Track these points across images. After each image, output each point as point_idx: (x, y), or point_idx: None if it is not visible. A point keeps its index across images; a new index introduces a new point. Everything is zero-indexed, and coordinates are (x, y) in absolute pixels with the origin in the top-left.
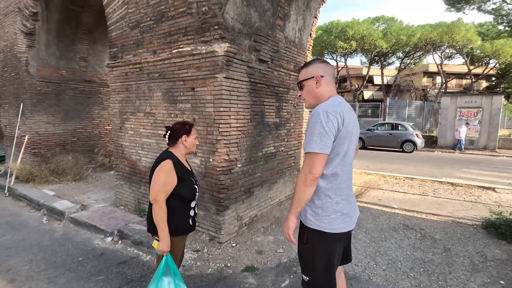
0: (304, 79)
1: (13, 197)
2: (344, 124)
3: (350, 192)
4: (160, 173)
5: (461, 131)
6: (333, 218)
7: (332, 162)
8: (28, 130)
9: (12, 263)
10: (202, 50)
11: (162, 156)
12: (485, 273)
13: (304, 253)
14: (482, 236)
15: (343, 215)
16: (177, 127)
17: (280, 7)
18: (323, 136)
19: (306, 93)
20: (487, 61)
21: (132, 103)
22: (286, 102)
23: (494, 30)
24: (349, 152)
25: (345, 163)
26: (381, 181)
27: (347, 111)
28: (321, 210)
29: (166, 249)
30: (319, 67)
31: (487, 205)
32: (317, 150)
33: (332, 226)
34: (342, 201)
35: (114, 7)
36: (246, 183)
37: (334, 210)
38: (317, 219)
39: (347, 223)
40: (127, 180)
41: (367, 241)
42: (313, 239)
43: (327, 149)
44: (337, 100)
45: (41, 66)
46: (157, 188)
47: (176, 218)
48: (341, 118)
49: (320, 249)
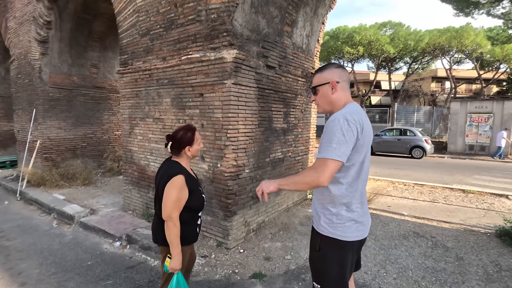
0: (319, 84)
1: (25, 201)
2: (363, 133)
3: (364, 201)
4: (172, 189)
5: (503, 137)
6: (348, 226)
7: (348, 171)
8: (40, 135)
9: (23, 266)
10: (211, 57)
11: (172, 171)
12: (500, 283)
13: (316, 260)
14: (496, 245)
15: (358, 223)
16: (179, 137)
17: (288, 14)
18: (342, 144)
19: (321, 99)
20: (497, 65)
21: (141, 108)
22: (293, 108)
23: (504, 35)
24: (365, 160)
25: (362, 171)
26: (390, 188)
27: (365, 119)
28: (336, 217)
29: (178, 267)
30: (335, 72)
31: (500, 213)
32: (335, 157)
33: (346, 234)
34: (357, 210)
35: (125, 15)
36: (253, 188)
37: (349, 218)
38: (332, 226)
39: (361, 231)
40: (136, 185)
41: (377, 248)
42: (326, 246)
43: (344, 157)
44: (355, 107)
45: (53, 73)
46: (171, 205)
47: (185, 230)
48: (360, 127)
49: (333, 257)
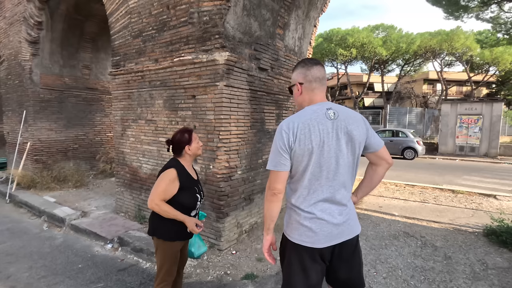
0: (290, 85)
1: (14, 203)
2: (297, 142)
3: (324, 209)
4: (162, 180)
5: None
6: (295, 227)
7: (293, 178)
8: (30, 137)
9: (12, 270)
10: (203, 59)
11: (168, 164)
12: (486, 281)
13: (279, 256)
14: (483, 244)
15: (305, 228)
16: (176, 139)
17: (280, 17)
18: (276, 153)
19: (294, 100)
20: (487, 68)
21: (133, 110)
22: (286, 110)
23: (493, 38)
24: (311, 168)
25: (309, 179)
26: (381, 188)
27: (313, 123)
28: (288, 216)
29: (193, 227)
30: (299, 73)
31: (488, 212)
32: (271, 167)
33: (293, 235)
34: (304, 214)
35: (117, 17)
36: (246, 190)
37: (295, 220)
38: (286, 224)
39: (310, 238)
40: (128, 187)
41: (368, 248)
42: (283, 242)
43: (281, 166)
44: (304, 112)
45: (44, 74)
46: (157, 194)
47: (174, 225)
48: (293, 136)
49: (285, 254)
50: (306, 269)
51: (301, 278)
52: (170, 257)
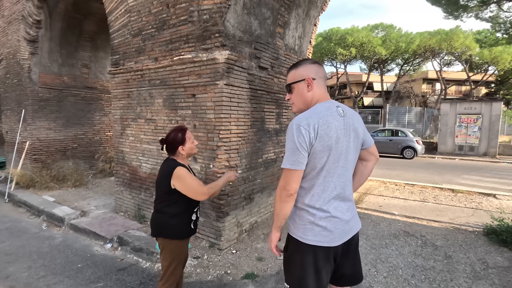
0: (294, 81)
1: (13, 203)
2: (318, 138)
3: (336, 206)
4: (183, 178)
5: None
6: (308, 229)
7: (308, 176)
8: (29, 136)
9: (11, 269)
10: (203, 58)
11: (170, 165)
12: (487, 280)
13: (284, 261)
14: (484, 243)
15: (320, 228)
16: (170, 139)
17: (280, 16)
18: (294, 151)
19: (296, 97)
20: (486, 67)
21: (133, 109)
22: (286, 109)
23: (492, 38)
24: (327, 166)
25: (324, 176)
26: (381, 188)
27: (330, 120)
28: (298, 218)
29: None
30: (311, 68)
31: (488, 211)
32: (287, 165)
33: (306, 236)
34: (319, 213)
35: (116, 15)
36: (246, 189)
37: (309, 220)
38: (295, 226)
39: (325, 237)
40: (128, 186)
41: (368, 248)
42: (291, 247)
43: (299, 164)
44: (318, 109)
45: (43, 73)
46: (196, 190)
47: (179, 223)
48: (314, 132)
49: (295, 258)
50: (319, 270)
51: (314, 280)
52: (178, 256)
